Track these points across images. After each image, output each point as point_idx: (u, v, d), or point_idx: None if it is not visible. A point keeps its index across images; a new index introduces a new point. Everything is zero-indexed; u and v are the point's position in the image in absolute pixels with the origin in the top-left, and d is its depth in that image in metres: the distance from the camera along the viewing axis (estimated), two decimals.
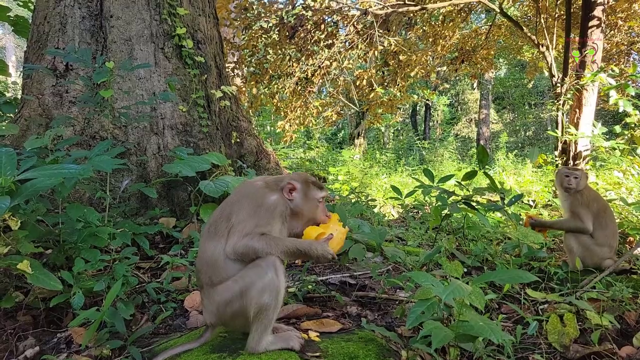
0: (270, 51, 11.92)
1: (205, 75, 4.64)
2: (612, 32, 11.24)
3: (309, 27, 11.52)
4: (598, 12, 7.89)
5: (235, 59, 12.63)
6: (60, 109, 3.94)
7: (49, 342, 2.34)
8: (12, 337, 2.30)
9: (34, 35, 4.27)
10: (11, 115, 3.95)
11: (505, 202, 3.26)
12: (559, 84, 8.36)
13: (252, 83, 12.18)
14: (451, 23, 12.33)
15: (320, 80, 12.73)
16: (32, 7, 5.39)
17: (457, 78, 29.25)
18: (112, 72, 3.27)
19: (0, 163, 2.07)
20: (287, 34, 11.59)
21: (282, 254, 1.86)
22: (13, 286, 2.48)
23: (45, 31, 4.15)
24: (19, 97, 4.24)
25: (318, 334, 2.12)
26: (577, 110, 7.90)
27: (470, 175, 3.25)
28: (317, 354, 1.91)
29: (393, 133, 30.87)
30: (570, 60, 8.22)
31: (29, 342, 2.29)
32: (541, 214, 5.86)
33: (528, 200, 7.19)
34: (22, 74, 4.39)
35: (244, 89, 12.28)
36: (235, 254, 1.85)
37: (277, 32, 11.53)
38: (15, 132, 3.35)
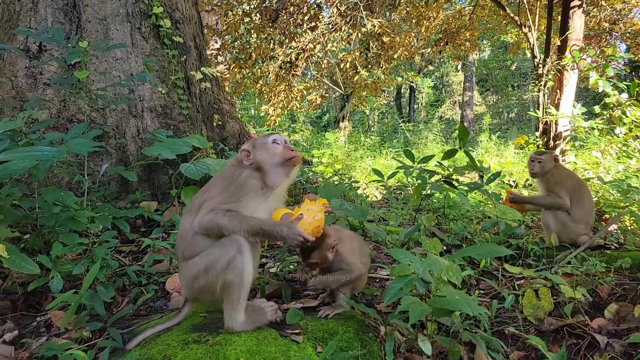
0: (254, 35, 11.75)
1: (185, 56, 4.56)
2: (595, 9, 11.30)
3: (291, 9, 11.36)
4: None
5: (218, 46, 12.43)
6: (34, 91, 3.83)
7: (29, 325, 2.32)
8: None
9: (4, 15, 4.12)
10: None
11: (484, 180, 3.29)
12: (540, 65, 8.41)
13: (235, 69, 12.02)
14: (435, 4, 12.26)
15: (304, 64, 12.63)
16: None
17: (441, 60, 29.27)
18: (86, 51, 3.19)
19: None
20: (269, 17, 11.42)
21: (245, 233, 1.85)
22: None
23: (16, 10, 4.02)
24: None
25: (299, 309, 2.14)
26: (558, 90, 7.98)
27: (450, 154, 3.26)
28: (297, 331, 1.93)
29: (378, 116, 30.86)
30: (552, 42, 8.27)
31: (7, 326, 2.28)
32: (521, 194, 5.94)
33: (509, 181, 7.28)
34: None
35: (228, 75, 12.12)
36: (201, 228, 1.89)
37: (258, 15, 11.36)
38: None
